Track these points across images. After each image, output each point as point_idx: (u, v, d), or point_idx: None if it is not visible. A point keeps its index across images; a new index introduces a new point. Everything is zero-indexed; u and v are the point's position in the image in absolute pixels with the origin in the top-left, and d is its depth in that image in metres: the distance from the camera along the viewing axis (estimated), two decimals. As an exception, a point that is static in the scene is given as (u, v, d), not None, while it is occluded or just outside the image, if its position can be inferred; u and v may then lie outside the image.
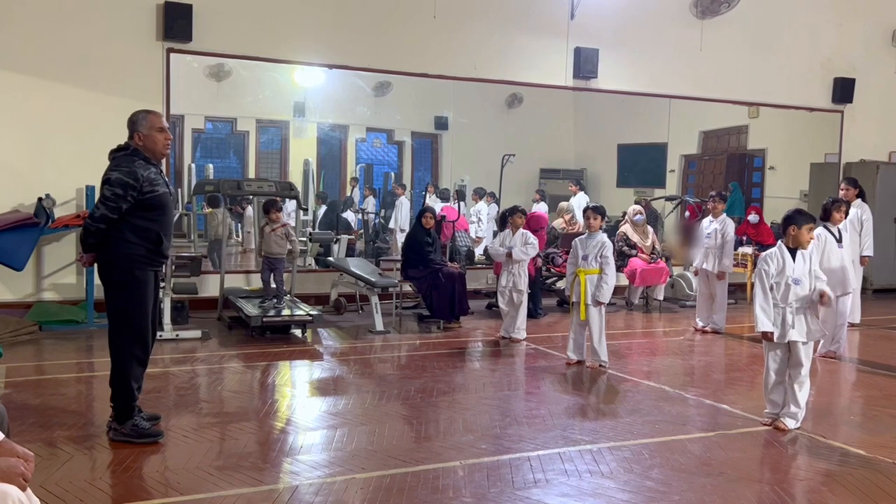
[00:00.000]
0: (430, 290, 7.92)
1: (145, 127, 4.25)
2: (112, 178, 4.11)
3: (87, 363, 6.29)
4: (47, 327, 7.22)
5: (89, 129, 7.75)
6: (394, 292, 8.21)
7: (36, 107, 7.71)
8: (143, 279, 4.20)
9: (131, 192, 4.10)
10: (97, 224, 4.12)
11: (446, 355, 6.79)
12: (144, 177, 4.14)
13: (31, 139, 7.72)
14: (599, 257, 6.31)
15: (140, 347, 4.26)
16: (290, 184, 8.62)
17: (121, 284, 4.18)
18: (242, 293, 8.18)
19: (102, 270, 4.23)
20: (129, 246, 4.15)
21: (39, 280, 7.85)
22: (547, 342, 7.43)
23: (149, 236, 4.19)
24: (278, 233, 7.76)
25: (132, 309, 4.19)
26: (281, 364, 6.37)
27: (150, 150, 4.26)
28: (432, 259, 8.06)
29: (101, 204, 4.12)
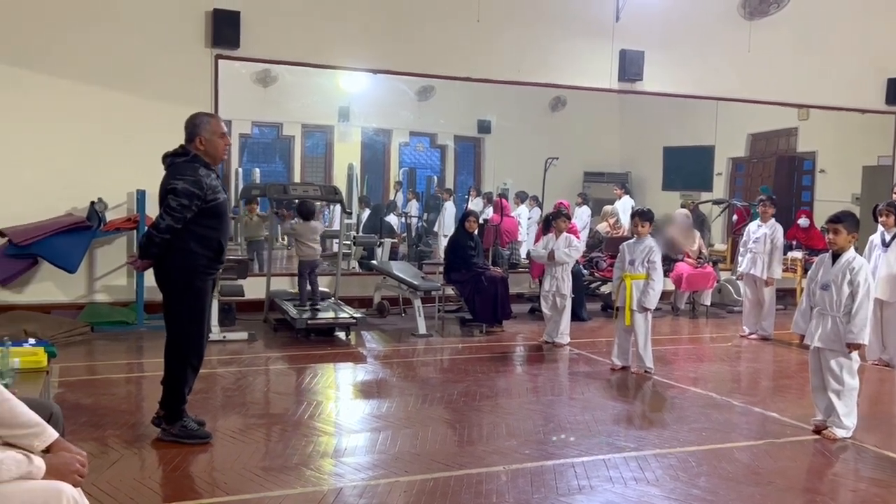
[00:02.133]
0: (472, 294, 7.91)
1: (208, 131, 4.22)
2: (179, 188, 4.06)
3: (137, 364, 6.43)
4: (99, 328, 7.39)
5: (140, 134, 7.92)
6: (436, 296, 8.23)
7: (89, 114, 7.90)
8: (202, 288, 4.22)
9: (196, 201, 4.07)
10: (163, 235, 4.08)
11: (489, 359, 6.77)
12: (208, 185, 4.12)
13: (84, 145, 7.91)
14: (647, 262, 6.23)
15: (195, 355, 4.31)
16: (335, 188, 8.70)
17: (181, 293, 4.19)
18: (287, 296, 8.27)
19: (162, 278, 4.23)
20: (192, 255, 4.14)
21: (91, 282, 8.04)
22: (591, 347, 7.37)
23: (210, 244, 4.19)
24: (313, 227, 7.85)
25: (190, 317, 4.22)
26: (325, 366, 6.43)
27: (211, 155, 4.24)
28: (475, 263, 8.05)
29: (166, 214, 4.07)
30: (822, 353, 4.68)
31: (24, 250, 7.11)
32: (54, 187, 7.79)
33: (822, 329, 4.65)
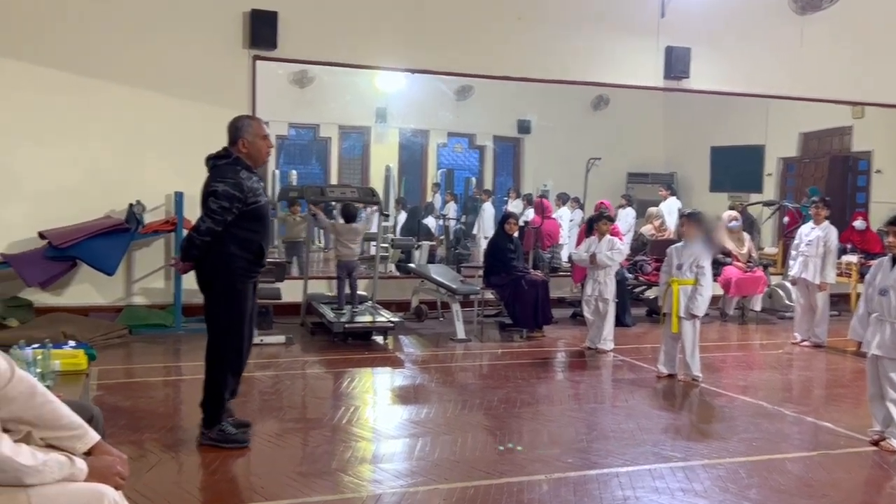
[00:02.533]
0: (512, 298, 7.89)
1: (250, 134, 4.30)
2: (219, 191, 4.14)
3: (174, 367, 6.54)
4: (137, 331, 7.53)
5: (178, 136, 8.06)
6: (475, 300, 8.23)
7: (128, 116, 8.06)
8: (243, 291, 4.28)
9: (237, 203, 4.14)
10: (203, 237, 4.16)
11: (529, 365, 6.75)
12: (249, 187, 4.19)
13: (123, 147, 8.07)
14: (695, 267, 6.14)
15: (235, 357, 4.36)
16: (372, 189, 8.75)
17: (221, 296, 4.26)
18: (325, 299, 8.34)
19: (203, 281, 4.31)
20: (232, 258, 4.21)
21: (130, 284, 8.20)
22: (635, 354, 7.30)
23: (251, 247, 4.25)
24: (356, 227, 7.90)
25: (231, 320, 4.28)
26: (362, 370, 6.47)
27: (254, 157, 4.31)
28: (515, 266, 8.03)
29: (207, 217, 4.15)
30: (881, 361, 4.59)
31: (63, 252, 7.27)
32: (93, 189, 7.96)
33: (881, 336, 4.56)
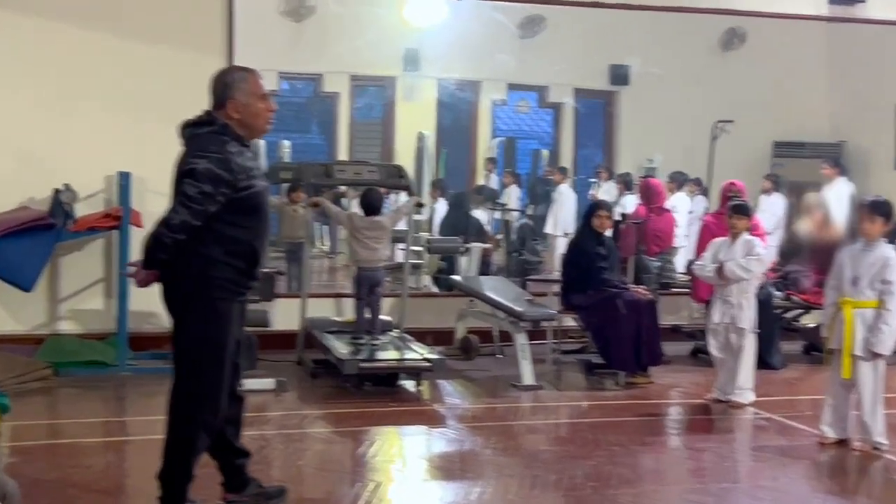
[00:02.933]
0: (603, 327, 7.84)
1: (244, 93, 4.30)
2: (198, 170, 4.14)
3: (118, 423, 6.61)
4: (65, 370, 7.62)
5: (123, 92, 8.15)
6: (549, 328, 8.17)
7: (52, 63, 8.18)
8: (225, 313, 4.30)
9: (223, 188, 4.15)
10: (175, 235, 4.14)
11: (629, 425, 6.71)
12: (240, 165, 4.20)
13: (44, 109, 8.18)
14: (879, 282, 6.02)
15: (210, 408, 4.36)
16: (399, 168, 8.76)
17: (195, 319, 4.27)
18: (331, 325, 8.38)
19: (171, 296, 4.32)
20: (214, 266, 4.22)
21: (54, 304, 8.32)
22: (787, 409, 7.23)
23: (241, 251, 4.27)
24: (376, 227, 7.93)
25: (206, 354, 4.30)
26: (386, 430, 6.47)
27: (249, 125, 4.33)
28: (607, 279, 7.97)
29: (181, 206, 4.14)
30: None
31: (-41, 260, 7.40)
32: (2, 170, 8.08)
33: None
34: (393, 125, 14.50)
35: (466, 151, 14.94)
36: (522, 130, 15.62)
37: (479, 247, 10.07)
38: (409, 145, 12.78)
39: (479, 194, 12.99)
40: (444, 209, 12.00)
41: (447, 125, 14.58)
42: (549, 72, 14.00)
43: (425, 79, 13.99)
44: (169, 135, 7.97)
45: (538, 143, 15.41)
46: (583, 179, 14.40)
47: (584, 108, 14.87)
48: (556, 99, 14.89)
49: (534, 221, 13.34)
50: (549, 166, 14.54)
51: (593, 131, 15.04)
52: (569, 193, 13.36)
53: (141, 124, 8.11)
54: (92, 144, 8.20)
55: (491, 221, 12.61)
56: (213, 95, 4.37)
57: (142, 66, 8.20)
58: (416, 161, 12.28)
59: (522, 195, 14.06)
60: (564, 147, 15.00)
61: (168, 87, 8.19)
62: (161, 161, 8.22)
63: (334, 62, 13.48)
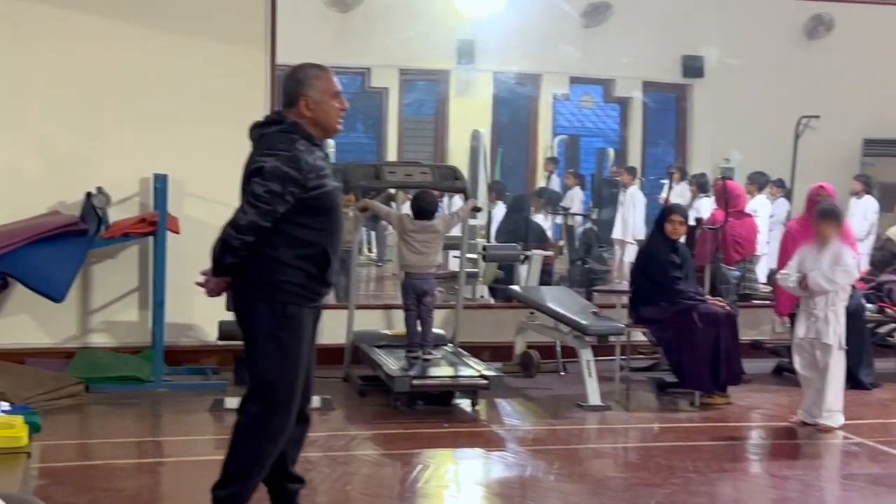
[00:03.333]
0: (677, 342, 7.78)
1: (317, 90, 4.40)
2: (266, 168, 4.25)
3: (153, 443, 6.67)
4: (97, 386, 7.71)
5: (160, 87, 8.27)
6: (617, 343, 8.13)
7: (82, 56, 8.30)
8: (297, 319, 4.38)
9: (292, 187, 4.25)
10: (243, 236, 4.26)
11: (706, 450, 6.66)
12: (310, 164, 4.30)
13: (77, 108, 8.31)
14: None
15: (279, 420, 4.42)
16: (454, 169, 8.77)
17: (265, 326, 4.36)
18: (381, 339, 8.40)
19: (240, 303, 4.44)
20: (282, 268, 4.32)
21: (86, 316, 8.43)
22: (881, 433, 7.15)
23: (311, 254, 4.35)
24: None
25: (278, 365, 4.38)
26: (440, 453, 6.47)
27: (321, 124, 4.44)
28: (681, 290, 7.91)
29: (249, 206, 4.26)
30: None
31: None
32: (32, 172, 8.23)
33: None
34: (446, 122, 14.53)
35: (525, 151, 14.93)
36: (586, 128, 15.56)
37: (540, 254, 10.05)
38: (463, 144, 12.76)
39: (539, 197, 12.98)
40: (502, 213, 12.01)
41: (504, 122, 14.59)
42: (615, 64, 13.95)
43: (481, 72, 14.01)
44: (208, 133, 8.13)
45: (604, 142, 15.35)
46: (653, 181, 14.31)
47: (654, 103, 14.79)
48: (624, 93, 14.83)
49: (599, 227, 13.27)
50: (616, 167, 14.47)
51: (664, 128, 14.96)
52: (638, 196, 13.31)
53: (178, 123, 8.22)
54: (126, 145, 8.31)
55: (552, 227, 12.59)
56: (284, 94, 4.48)
57: (179, 60, 8.32)
58: (471, 161, 12.25)
59: (586, 198, 14.01)
60: (633, 146, 14.94)
61: (207, 83, 8.31)
62: (200, 162, 8.44)
63: (383, 55, 13.55)
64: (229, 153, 8.16)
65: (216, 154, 8.12)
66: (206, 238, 7.33)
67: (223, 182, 8.02)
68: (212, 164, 8.16)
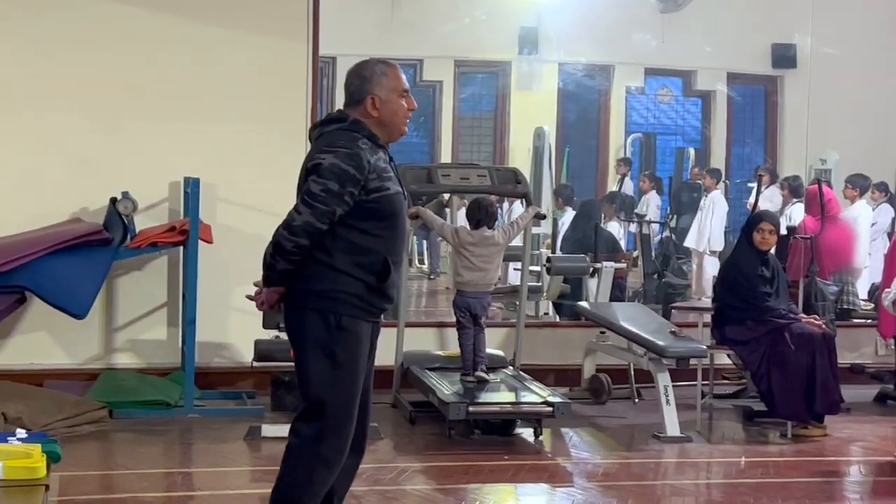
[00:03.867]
0: (767, 366, 7.72)
1: (384, 88, 4.47)
2: (323, 165, 4.31)
3: (182, 475, 6.70)
4: (122, 411, 7.76)
5: (192, 83, 8.35)
6: (699, 367, 8.08)
7: (106, 48, 8.37)
8: (354, 332, 4.41)
9: (351, 187, 4.30)
10: (297, 239, 4.31)
11: (799, 488, 6.59)
12: (372, 165, 4.35)
13: (101, 106, 8.39)
14: None
15: (336, 445, 4.44)
16: (515, 172, 8.76)
17: (318, 340, 4.38)
18: (432, 361, 8.40)
19: (291, 315, 4.48)
20: (337, 277, 4.36)
21: (110, 334, 8.51)
22: None
23: (370, 262, 4.38)
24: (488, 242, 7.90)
25: (332, 382, 4.40)
26: (498, 489, 6.45)
27: (387, 125, 4.50)
28: (772, 307, 7.85)
29: (304, 206, 4.31)
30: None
31: (2, 281, 7.52)
32: (52, 176, 8.31)
33: None
34: (506, 119, 14.54)
35: (595, 151, 14.90)
36: (663, 125, 15.52)
37: (611, 266, 9.99)
38: (526, 143, 12.78)
39: (610, 203, 12.93)
40: (569, 221, 11.97)
41: (571, 119, 14.58)
42: (696, 53, 13.90)
43: (545, 63, 14.01)
44: (244, 132, 8.20)
45: (683, 140, 15.29)
46: (738, 185, 14.21)
47: (740, 97, 14.71)
48: (706, 86, 14.76)
49: (677, 235, 13.21)
50: (697, 168, 14.39)
51: (751, 125, 14.86)
52: (719, 202, 13.20)
53: (211, 121, 8.29)
54: (154, 145, 8.39)
55: (625, 235, 12.55)
56: (348, 92, 4.53)
57: (213, 54, 8.39)
58: (535, 163, 12.28)
59: (663, 204, 13.94)
60: (716, 145, 14.85)
61: (242, 77, 8.37)
62: (235, 164, 8.51)
63: (436, 45, 13.60)
64: (268, 154, 8.35)
65: (253, 155, 8.22)
66: (242, 248, 7.41)
67: (261, 186, 8.19)
68: (248, 165, 8.25)
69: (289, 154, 7.98)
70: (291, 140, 8.08)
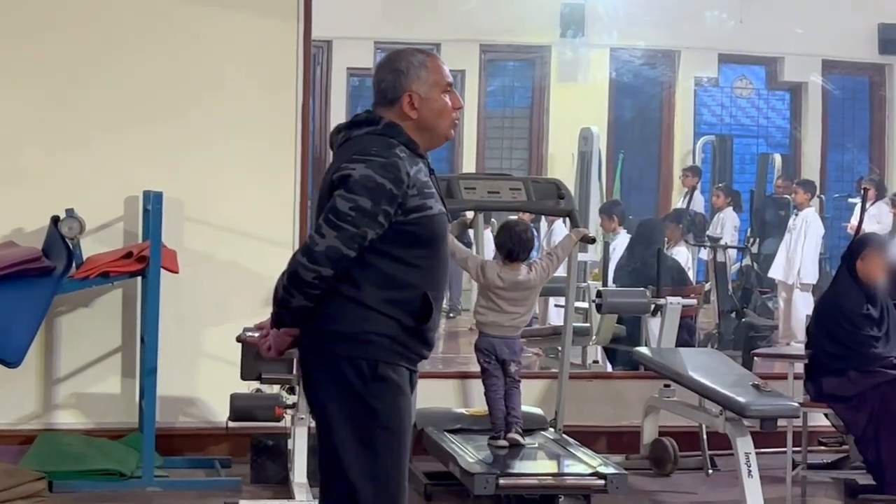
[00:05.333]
0: (875, 429, 7.73)
1: (425, 83, 4.43)
2: (353, 178, 4.23)
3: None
4: (64, 483, 7.70)
5: (154, 79, 8.39)
6: (789, 430, 8.07)
7: (53, 44, 8.41)
8: (395, 385, 4.30)
9: (387, 205, 4.22)
10: (319, 268, 4.22)
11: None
12: (413, 178, 4.27)
13: (41, 104, 8.43)
14: None
15: None
16: (557, 184, 8.77)
17: (352, 395, 4.29)
18: (454, 422, 8.42)
19: (307, 363, 4.41)
20: (368, 316, 4.27)
21: (50, 386, 8.51)
22: None
23: (406, 299, 4.30)
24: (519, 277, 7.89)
25: (368, 458, 4.31)
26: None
27: (428, 127, 4.45)
28: (880, 354, 7.86)
29: (329, 228, 4.22)
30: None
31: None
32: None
33: None
34: (544, 118, 14.61)
35: (656, 158, 14.96)
36: (742, 125, 15.56)
37: (678, 303, 10.02)
38: (570, 148, 12.82)
39: (676, 223, 12.94)
40: (624, 245, 11.98)
41: (626, 118, 14.64)
42: (784, 36, 13.92)
43: (594, 49, 14.06)
44: (218, 137, 8.22)
45: (766, 145, 15.32)
46: (837, 200, 14.21)
47: (838, 91, 14.72)
48: (795, 77, 14.80)
49: (761, 264, 13.20)
50: (785, 179, 14.40)
51: (853, 126, 14.88)
52: (814, 222, 13.18)
53: (177, 123, 8.32)
54: (106, 153, 8.42)
55: (695, 264, 12.55)
56: (378, 89, 4.49)
57: (179, 37, 8.45)
58: (581, 172, 12.30)
59: (743, 224, 13.95)
60: (808, 150, 14.88)
61: (217, 68, 8.41)
62: (207, 175, 8.55)
63: (456, 26, 13.67)
64: (248, 161, 8.40)
65: (229, 163, 8.25)
66: (216, 279, 7.47)
67: (240, 202, 8.22)
68: (224, 176, 8.27)
69: (275, 161, 8.08)
70: (278, 143, 8.15)
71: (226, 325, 7.62)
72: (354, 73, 13.97)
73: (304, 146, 8.65)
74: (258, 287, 7.63)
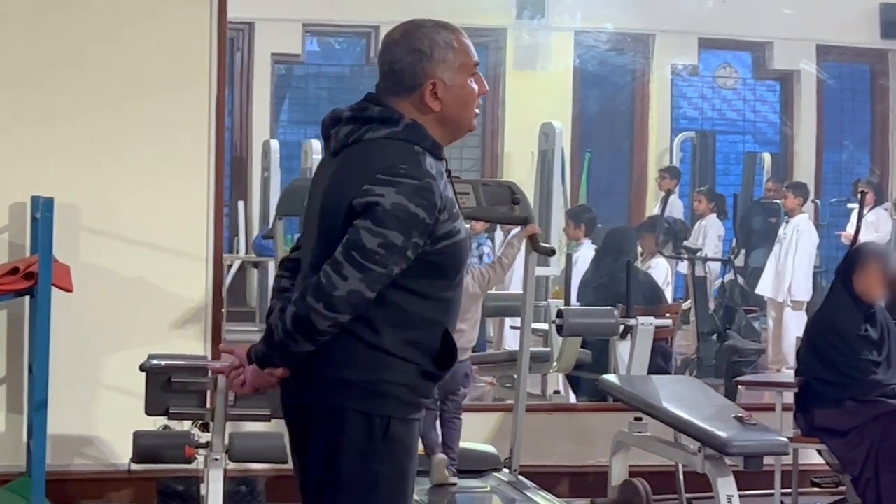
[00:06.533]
0: (873, 467, 7.82)
1: (451, 68, 4.24)
2: (383, 208, 4.03)
3: None
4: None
5: (42, 66, 8.41)
6: (777, 468, 8.15)
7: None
8: (405, 447, 4.21)
9: (418, 237, 4.06)
10: (338, 315, 4.07)
11: None
12: (445, 200, 4.11)
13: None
14: None
15: None
16: (511, 187, 8.83)
17: (359, 457, 4.18)
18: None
19: (308, 416, 4.29)
20: (386, 363, 4.15)
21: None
22: None
23: (426, 339, 4.19)
24: None
25: None
26: None
27: (451, 121, 4.30)
28: (879, 381, 7.94)
29: (351, 268, 4.05)
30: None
31: None
32: None
33: None
34: (499, 111, 14.64)
35: (627, 157, 15.02)
36: (726, 119, 15.68)
37: (651, 324, 10.07)
38: (529, 146, 12.88)
39: (650, 231, 13.01)
40: (590, 257, 12.04)
41: (593, 112, 14.71)
42: (772, 19, 14.06)
43: (555, 32, 14.14)
44: (118, 132, 8.24)
45: (753, 142, 15.43)
46: (834, 205, 14.33)
47: (834, 80, 14.85)
48: (786, 64, 14.91)
49: (747, 279, 13.29)
50: (774, 181, 14.50)
51: (852, 120, 15.01)
52: (806, 230, 13.26)
53: (70, 116, 8.31)
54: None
55: (671, 279, 12.62)
56: (392, 73, 4.28)
57: (77, 32, 8.45)
58: (541, 174, 12.34)
59: (727, 233, 14.04)
60: (801, 148, 14.99)
61: (116, 53, 8.41)
62: (106, 178, 8.54)
63: (397, 7, 13.64)
64: (153, 162, 8.39)
65: (132, 164, 8.23)
66: (116, 299, 7.49)
67: (145, 208, 8.21)
68: (125, 179, 8.25)
69: (186, 162, 8.07)
70: (189, 142, 8.14)
71: (128, 352, 7.59)
72: (280, 60, 13.97)
73: (220, 145, 8.63)
74: (167, 307, 7.66)
